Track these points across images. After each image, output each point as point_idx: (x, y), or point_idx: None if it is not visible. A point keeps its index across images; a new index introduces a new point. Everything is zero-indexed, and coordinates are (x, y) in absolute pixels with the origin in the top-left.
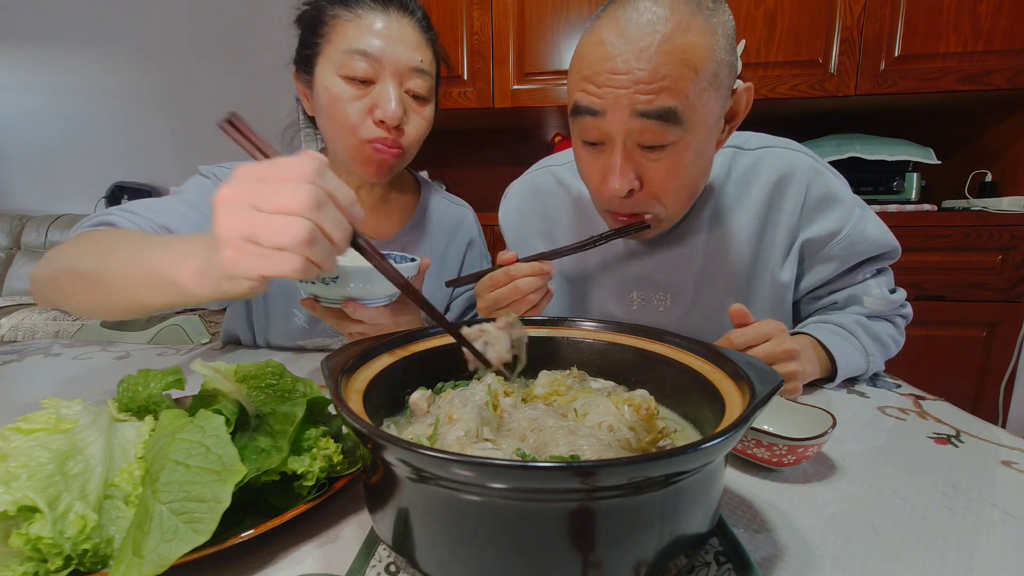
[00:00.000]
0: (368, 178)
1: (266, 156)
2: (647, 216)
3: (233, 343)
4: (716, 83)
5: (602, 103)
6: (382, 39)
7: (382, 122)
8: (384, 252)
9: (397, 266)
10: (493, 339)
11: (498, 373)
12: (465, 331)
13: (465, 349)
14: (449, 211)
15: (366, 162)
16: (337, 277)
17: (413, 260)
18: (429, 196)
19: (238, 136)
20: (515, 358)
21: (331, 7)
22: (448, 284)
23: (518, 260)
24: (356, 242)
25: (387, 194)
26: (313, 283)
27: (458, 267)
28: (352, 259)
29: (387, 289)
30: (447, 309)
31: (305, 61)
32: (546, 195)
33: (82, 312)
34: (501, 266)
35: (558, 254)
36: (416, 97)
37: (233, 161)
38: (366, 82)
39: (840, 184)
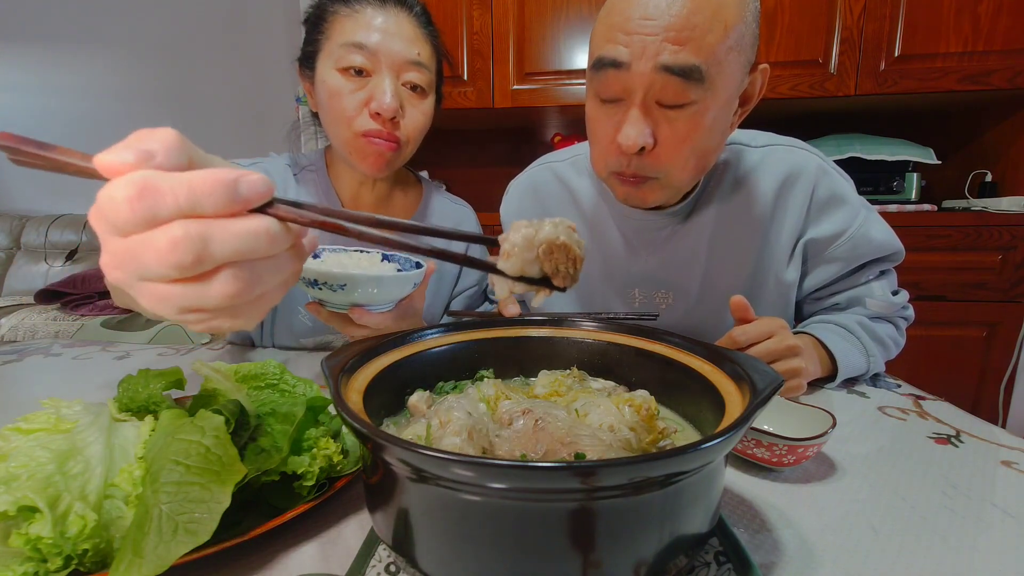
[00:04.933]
0: (366, 172)
1: (81, 171)
2: (652, 180)
3: (243, 342)
4: (741, 47)
5: (628, 52)
6: (379, 33)
7: (378, 114)
8: (389, 254)
9: (404, 274)
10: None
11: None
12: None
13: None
14: (450, 210)
15: (363, 156)
16: (345, 284)
17: (419, 266)
18: (431, 195)
19: (39, 161)
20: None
21: (332, 4)
22: (448, 314)
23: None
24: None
25: (389, 192)
26: (320, 288)
27: (458, 267)
28: (360, 267)
29: (393, 295)
30: (447, 307)
31: (308, 58)
32: (545, 193)
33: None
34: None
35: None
36: (414, 89)
37: (259, 157)
38: (363, 74)
39: (847, 185)
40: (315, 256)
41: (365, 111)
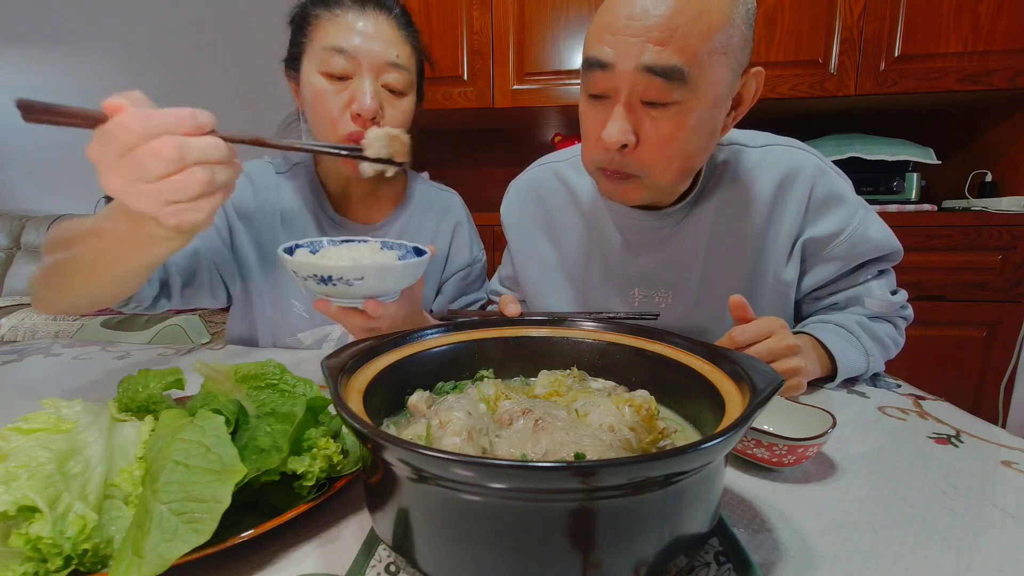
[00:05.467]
0: (350, 172)
1: (85, 119)
2: (636, 178)
3: (242, 342)
4: (728, 49)
5: (613, 54)
6: (359, 36)
7: (358, 115)
8: (383, 239)
9: (417, 260)
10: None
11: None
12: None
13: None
14: (436, 196)
15: (345, 158)
16: (363, 277)
17: (419, 251)
18: (416, 184)
19: (48, 118)
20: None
21: (314, 8)
22: (450, 312)
23: (522, 313)
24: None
25: (375, 186)
26: (334, 284)
27: (446, 249)
28: (372, 257)
29: (405, 282)
30: (439, 291)
31: (293, 59)
32: (546, 192)
33: (86, 300)
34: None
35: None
36: (393, 91)
37: (253, 160)
38: (344, 78)
39: (844, 184)
40: (312, 252)
41: (347, 113)
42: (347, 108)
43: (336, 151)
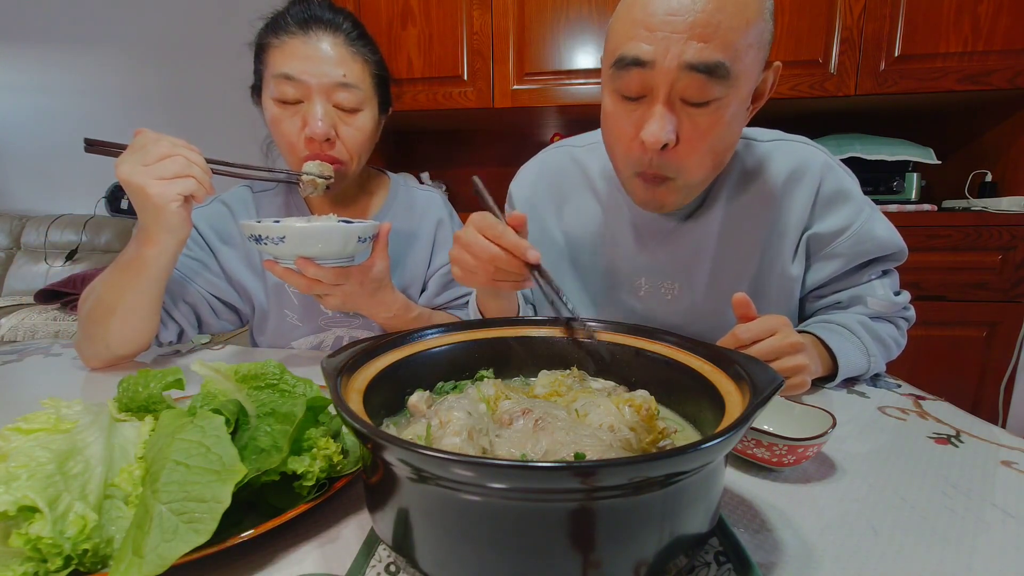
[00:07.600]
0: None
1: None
2: (670, 180)
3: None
4: (760, 43)
5: (653, 51)
6: (304, 61)
7: (311, 139)
8: (346, 219)
9: (344, 224)
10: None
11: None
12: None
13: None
14: (416, 196)
15: (308, 180)
16: (284, 237)
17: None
18: (398, 188)
19: (104, 150)
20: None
21: (266, 36)
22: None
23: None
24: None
25: (356, 196)
26: (266, 244)
27: (429, 247)
28: (304, 220)
29: (339, 248)
30: (424, 287)
31: (256, 87)
32: (560, 172)
33: (116, 340)
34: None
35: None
36: (346, 109)
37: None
38: (297, 102)
39: (851, 182)
40: (275, 223)
41: (303, 135)
42: (302, 131)
43: (274, 178)
